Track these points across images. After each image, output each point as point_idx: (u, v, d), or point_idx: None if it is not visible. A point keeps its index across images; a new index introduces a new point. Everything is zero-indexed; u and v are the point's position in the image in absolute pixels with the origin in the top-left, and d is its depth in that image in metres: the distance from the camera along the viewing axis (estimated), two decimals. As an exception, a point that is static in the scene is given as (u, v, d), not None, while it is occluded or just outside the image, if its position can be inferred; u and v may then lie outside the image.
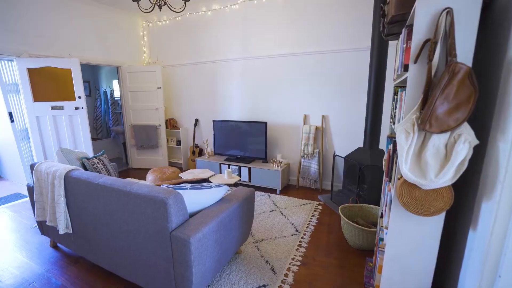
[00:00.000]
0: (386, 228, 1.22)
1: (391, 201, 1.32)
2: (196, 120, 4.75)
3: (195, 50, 4.48)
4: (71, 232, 2.01)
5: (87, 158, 2.32)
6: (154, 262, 1.57)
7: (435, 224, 1.03)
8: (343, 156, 3.22)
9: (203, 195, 1.74)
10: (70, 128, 3.57)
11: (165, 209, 1.43)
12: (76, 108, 3.52)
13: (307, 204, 3.28)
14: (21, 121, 3.54)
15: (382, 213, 1.85)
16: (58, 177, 1.91)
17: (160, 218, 1.46)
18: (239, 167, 3.89)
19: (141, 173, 4.68)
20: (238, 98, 4.28)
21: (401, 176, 1.03)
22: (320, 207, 3.22)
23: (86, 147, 3.67)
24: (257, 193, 3.63)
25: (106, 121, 5.99)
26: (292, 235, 2.57)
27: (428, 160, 0.93)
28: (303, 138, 3.74)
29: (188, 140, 4.93)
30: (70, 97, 3.53)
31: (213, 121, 4.16)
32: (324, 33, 3.46)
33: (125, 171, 4.82)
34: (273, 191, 3.73)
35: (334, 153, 3.29)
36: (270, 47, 3.85)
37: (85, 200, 1.83)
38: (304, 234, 2.59)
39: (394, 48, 3.01)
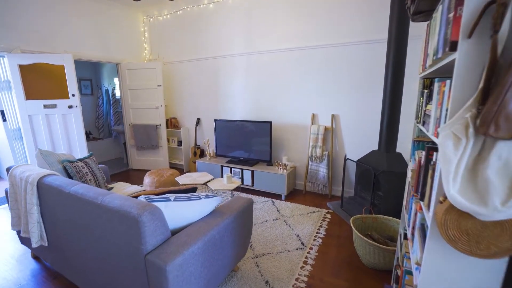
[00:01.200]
0: (418, 264, 0.92)
1: (422, 226, 1.02)
2: (198, 120, 4.51)
3: (197, 46, 4.24)
4: (46, 245, 1.79)
5: (70, 161, 2.10)
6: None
7: (495, 268, 0.73)
8: (355, 160, 2.90)
9: (190, 208, 1.48)
10: (63, 127, 3.39)
11: (137, 228, 1.17)
12: (70, 107, 3.34)
13: (314, 212, 2.98)
14: (15, 120, 3.38)
15: (406, 233, 1.54)
16: (31, 184, 1.69)
17: (133, 238, 1.20)
18: (242, 170, 3.62)
19: (141, 175, 4.48)
20: (242, 96, 4.01)
21: (445, 199, 0.73)
22: (329, 216, 2.91)
23: (80, 148, 3.49)
24: (260, 199, 3.35)
25: (108, 120, 5.84)
26: (297, 249, 2.28)
27: (491, 178, 0.63)
28: (311, 140, 3.43)
29: (190, 141, 4.70)
30: (64, 95, 3.35)
31: (215, 120, 3.91)
32: (334, 24, 3.14)
33: (125, 172, 4.64)
34: (277, 196, 3.44)
35: (345, 156, 2.98)
36: (275, 41, 3.56)
37: (58, 210, 1.60)
38: (311, 249, 2.30)
39: (414, 39, 2.68)
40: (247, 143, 3.75)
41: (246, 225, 1.78)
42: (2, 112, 3.26)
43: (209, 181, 2.96)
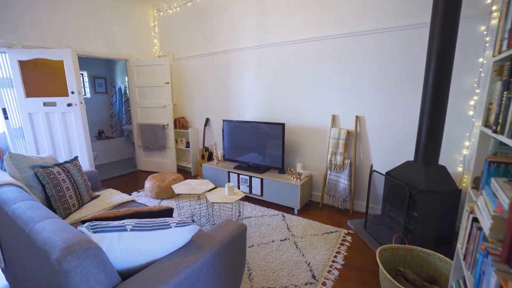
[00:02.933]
0: None
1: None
2: (207, 120, 4.18)
3: (206, 40, 3.91)
4: (3, 266, 1.52)
5: (44, 167, 1.84)
6: None
7: None
8: (384, 173, 2.37)
9: (154, 239, 1.10)
10: (63, 126, 3.22)
11: (58, 280, 0.81)
12: (69, 105, 3.15)
13: (331, 232, 2.49)
14: (17, 118, 3.26)
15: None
16: (-18, 195, 1.42)
17: (56, 291, 0.85)
18: (250, 177, 3.22)
19: (147, 177, 4.24)
20: (253, 94, 3.60)
21: None
22: (349, 238, 2.41)
23: (80, 149, 3.30)
24: (269, 212, 2.92)
25: (120, 119, 5.73)
26: (306, 284, 1.83)
27: None
28: (331, 145, 2.94)
29: (199, 142, 4.39)
30: (65, 92, 3.17)
31: (223, 121, 3.54)
32: (360, 8, 2.62)
33: (133, 174, 4.43)
34: (289, 210, 2.99)
35: (372, 166, 2.45)
36: (290, 32, 3.10)
37: (4, 230, 1.31)
38: (324, 285, 1.83)
39: (465, 22, 2.10)
40: (257, 147, 3.34)
41: (236, 259, 1.37)
42: (4, 110, 3.15)
43: (210, 190, 2.59)
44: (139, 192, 3.57)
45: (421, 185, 1.96)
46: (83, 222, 1.20)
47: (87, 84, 5.40)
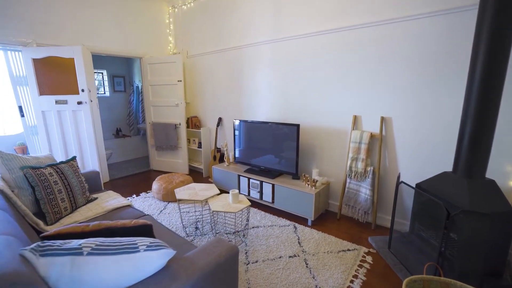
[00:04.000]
0: None
1: None
2: (220, 119, 4.00)
3: (220, 35, 3.72)
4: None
5: (34, 168, 1.73)
6: None
7: None
8: (414, 185, 2.01)
9: (117, 266, 0.90)
10: (74, 124, 3.20)
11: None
12: (79, 103, 3.12)
13: (349, 250, 2.17)
14: (32, 116, 3.31)
15: None
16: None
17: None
18: (261, 182, 2.97)
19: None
20: (266, 92, 3.35)
21: None
22: (369, 259, 2.08)
23: (90, 148, 3.26)
24: (280, 221, 2.66)
25: (137, 118, 5.75)
26: (314, 315, 1.55)
27: None
28: (351, 149, 2.60)
29: (211, 142, 4.22)
30: (76, 90, 3.14)
31: (234, 120, 3.33)
32: (391, -8, 2.27)
33: (146, 173, 4.38)
34: (302, 220, 2.70)
35: (399, 176, 2.10)
36: (307, 23, 2.81)
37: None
38: (336, 318, 1.54)
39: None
40: (269, 149, 3.09)
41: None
42: (20, 107, 3.19)
43: (212, 196, 2.38)
44: (147, 193, 3.47)
45: (463, 203, 1.59)
46: (44, 238, 1.04)
47: (106, 83, 5.48)
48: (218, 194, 2.43)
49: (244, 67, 3.53)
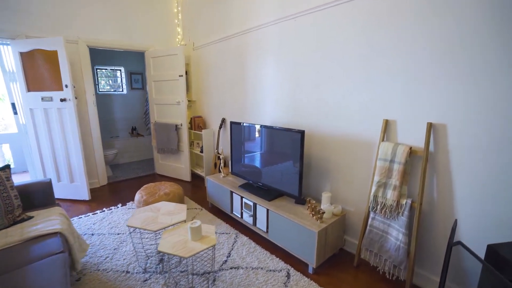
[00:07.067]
0: None
1: None
2: (223, 120, 3.41)
3: (224, 21, 3.12)
4: None
5: None
6: None
7: None
8: (485, 249, 1.13)
9: None
10: (59, 123, 2.93)
11: None
12: (63, 100, 2.83)
13: (360, 334, 1.37)
14: (22, 113, 3.14)
15: None
16: None
17: None
18: (254, 204, 2.29)
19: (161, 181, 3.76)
20: (272, 87, 2.65)
21: None
22: None
23: (75, 148, 2.96)
24: (271, 263, 1.95)
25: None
26: None
27: None
28: (378, 170, 1.77)
29: (215, 146, 3.67)
30: (61, 86, 2.87)
31: (230, 123, 2.70)
32: None
33: (150, 176, 4.03)
34: (301, 264, 1.95)
35: (455, 227, 1.23)
36: (323, -11, 2.02)
37: None
38: None
39: None
40: (269, 161, 2.39)
41: None
42: (13, 104, 3.05)
43: (176, 224, 1.79)
44: (133, 203, 3.06)
45: None
46: None
47: (124, 80, 5.34)
48: (184, 222, 1.83)
49: (247, 56, 2.87)
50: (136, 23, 3.63)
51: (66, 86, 2.81)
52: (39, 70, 2.89)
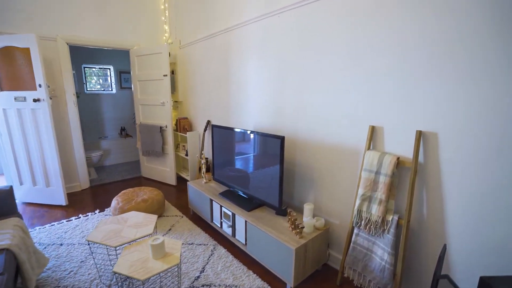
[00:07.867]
0: None
1: None
2: (208, 123, 3.25)
3: (209, 18, 2.96)
4: None
5: None
6: None
7: None
8: (479, 278, 0.97)
9: None
10: (34, 124, 2.78)
11: None
12: (36, 100, 2.68)
13: None
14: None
15: None
16: None
17: None
18: (233, 214, 2.13)
19: (148, 185, 3.61)
20: (255, 89, 2.48)
21: None
22: None
23: (50, 150, 2.81)
24: (246, 281, 1.79)
25: (143, 117, 5.35)
26: None
27: None
28: (362, 182, 1.60)
29: (200, 149, 3.51)
30: (35, 86, 2.72)
31: (212, 126, 2.54)
32: None
33: (136, 179, 3.88)
34: (280, 283, 1.79)
35: (443, 254, 1.06)
36: (307, -17, 1.86)
37: None
38: None
39: None
40: (249, 168, 2.23)
41: None
42: (-12, 104, 2.91)
43: (141, 238, 1.64)
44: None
45: None
46: None
47: (113, 80, 5.19)
48: (150, 236, 1.68)
49: (231, 55, 2.71)
50: (120, 19, 3.48)
51: (40, 85, 2.66)
52: (12, 69, 2.74)
